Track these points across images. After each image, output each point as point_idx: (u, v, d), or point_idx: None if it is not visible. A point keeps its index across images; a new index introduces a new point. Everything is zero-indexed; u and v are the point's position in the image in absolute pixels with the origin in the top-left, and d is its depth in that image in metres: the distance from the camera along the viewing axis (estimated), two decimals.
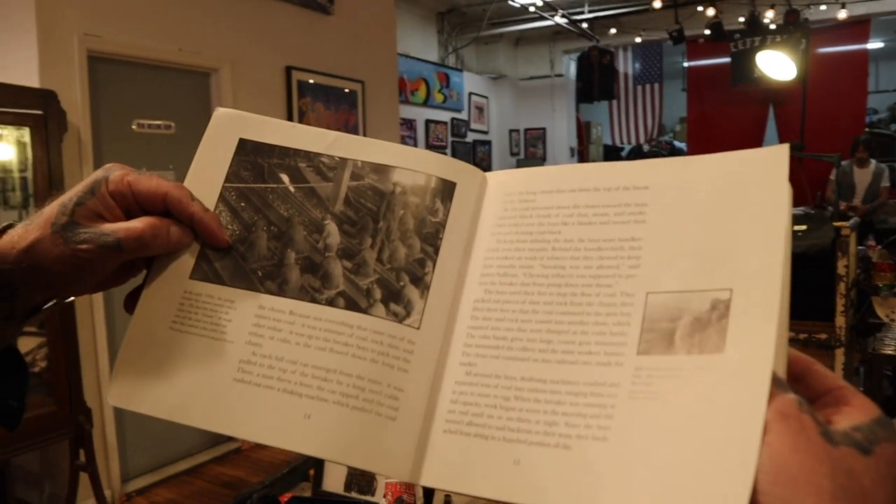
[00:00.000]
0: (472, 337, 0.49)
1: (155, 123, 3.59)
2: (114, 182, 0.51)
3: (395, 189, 0.54)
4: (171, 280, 0.53)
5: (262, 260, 0.53)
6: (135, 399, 0.50)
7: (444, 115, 8.89)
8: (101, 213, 0.51)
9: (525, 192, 0.53)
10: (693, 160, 0.48)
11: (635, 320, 0.43)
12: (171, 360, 0.51)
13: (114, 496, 3.31)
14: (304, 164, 0.56)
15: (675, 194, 0.47)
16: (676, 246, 0.45)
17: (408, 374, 0.49)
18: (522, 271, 0.50)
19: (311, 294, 0.52)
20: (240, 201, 0.55)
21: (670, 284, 0.43)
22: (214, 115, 0.58)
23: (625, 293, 0.45)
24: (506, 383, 0.46)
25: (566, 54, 10.39)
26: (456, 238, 0.53)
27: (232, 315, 0.51)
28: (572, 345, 0.45)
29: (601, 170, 0.51)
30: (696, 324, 0.41)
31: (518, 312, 0.48)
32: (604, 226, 0.48)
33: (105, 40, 3.30)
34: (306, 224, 0.54)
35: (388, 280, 0.52)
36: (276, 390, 0.48)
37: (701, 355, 0.40)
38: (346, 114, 4.81)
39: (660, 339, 0.42)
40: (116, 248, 0.50)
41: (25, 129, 2.91)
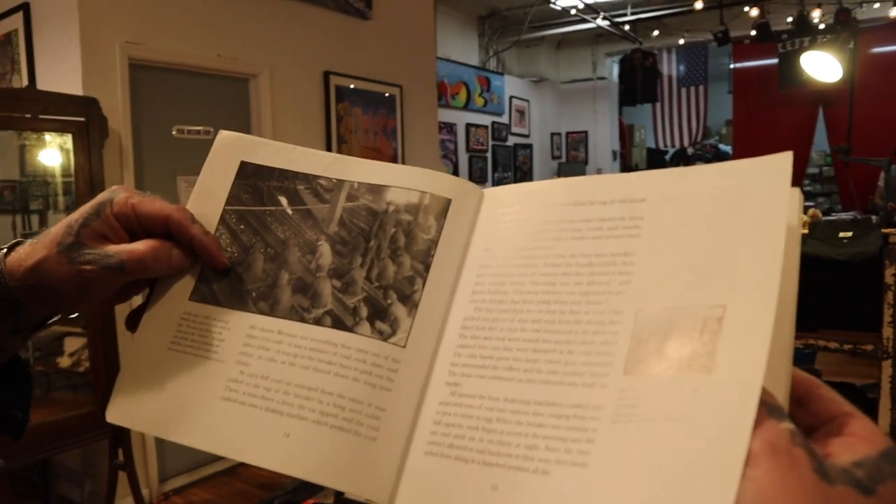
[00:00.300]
0: (460, 356, 0.48)
1: (194, 129, 3.65)
2: (118, 204, 0.53)
3: (389, 208, 0.54)
4: (171, 301, 0.55)
5: (258, 281, 0.54)
6: (129, 416, 0.52)
7: (485, 118, 8.88)
8: (106, 234, 0.52)
9: (520, 207, 0.52)
10: (692, 171, 0.46)
11: (623, 339, 0.42)
12: (165, 379, 0.52)
13: (151, 495, 3.36)
14: (303, 187, 0.57)
15: (671, 207, 0.45)
16: (670, 261, 0.43)
17: (391, 393, 0.48)
18: (513, 288, 0.48)
19: (299, 314, 0.52)
20: (239, 224, 0.56)
21: (662, 301, 0.42)
22: (217, 138, 0.59)
23: (614, 310, 0.43)
24: (489, 404, 0.44)
25: (608, 57, 10.29)
26: (448, 255, 0.52)
27: (225, 335, 0.52)
28: (558, 364, 0.43)
29: (598, 183, 0.49)
30: (686, 342, 0.39)
31: (506, 331, 0.47)
32: (597, 240, 0.47)
33: (146, 47, 3.37)
34: (301, 245, 0.55)
35: (375, 298, 0.52)
36: (259, 409, 0.49)
37: (688, 376, 0.38)
38: (383, 118, 4.82)
39: (647, 358, 0.40)
40: (119, 269, 0.51)
41: (68, 135, 2.98)
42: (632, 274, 0.44)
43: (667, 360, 0.39)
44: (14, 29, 3.50)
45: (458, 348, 0.48)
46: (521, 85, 9.77)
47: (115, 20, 3.25)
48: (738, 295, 0.39)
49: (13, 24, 3.49)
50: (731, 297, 0.39)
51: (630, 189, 0.47)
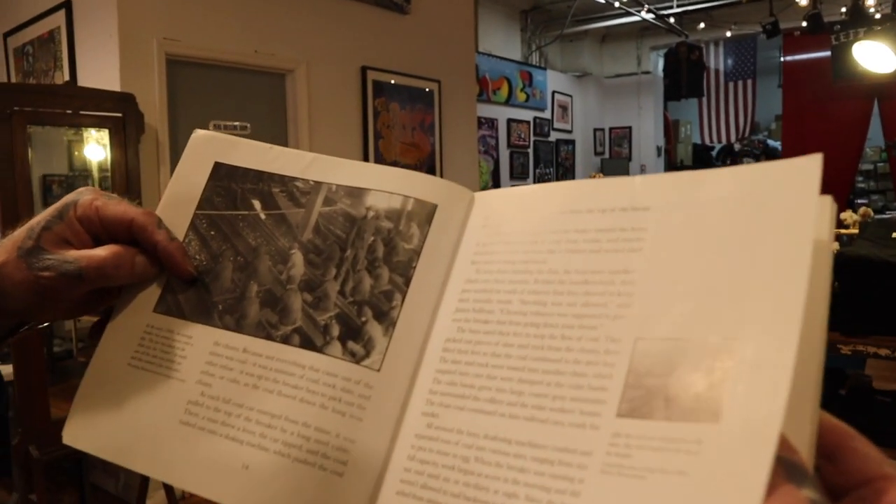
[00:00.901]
0: (439, 383, 0.43)
1: (231, 124, 3.66)
2: (82, 207, 0.50)
3: (368, 214, 0.50)
4: (134, 313, 0.51)
5: (225, 293, 0.50)
6: (85, 438, 0.48)
7: (527, 114, 8.78)
8: (69, 238, 0.49)
9: (513, 214, 0.46)
10: (707, 175, 0.40)
11: (619, 373, 0.36)
12: (123, 399, 0.48)
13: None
14: (278, 189, 0.52)
15: (679, 217, 0.39)
16: (676, 281, 0.37)
17: (361, 423, 0.43)
18: (500, 307, 0.43)
19: (266, 330, 0.48)
20: (210, 229, 0.52)
21: (664, 330, 0.36)
22: (191, 138, 0.56)
23: (610, 338, 0.38)
24: (468, 440, 0.40)
25: (653, 50, 10.12)
26: (432, 267, 0.47)
27: (188, 352, 0.49)
28: (545, 399, 0.38)
29: (599, 189, 0.44)
30: (690, 382, 0.34)
31: (490, 356, 0.42)
32: (594, 254, 0.41)
33: (183, 43, 3.38)
34: (272, 254, 0.50)
35: (349, 315, 0.47)
36: (218, 436, 0.45)
37: (691, 424, 0.32)
38: (421, 113, 4.79)
39: (645, 398, 0.35)
40: (77, 276, 0.48)
41: (105, 130, 3.01)
42: (632, 295, 0.38)
43: (667, 402, 0.34)
44: (57, 26, 3.56)
45: (438, 374, 0.44)
46: (564, 80, 9.64)
47: (152, 17, 3.28)
48: (753, 326, 0.33)
49: (56, 21, 3.55)
50: (746, 328, 0.33)
51: (634, 196, 0.42)
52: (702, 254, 0.37)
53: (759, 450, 0.29)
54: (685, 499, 0.31)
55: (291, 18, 3.91)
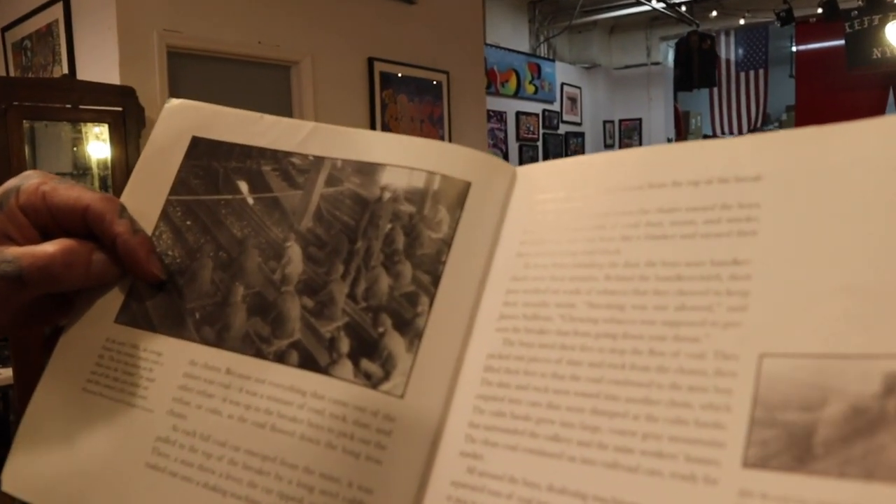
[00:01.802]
0: (482, 413, 0.33)
1: None
2: (25, 193, 0.41)
3: (383, 195, 0.40)
4: (91, 324, 0.41)
5: (204, 297, 0.40)
6: (26, 484, 0.38)
7: (536, 106, 8.69)
8: (10, 232, 0.40)
9: (568, 192, 0.36)
10: (837, 130, 0.29)
11: (740, 403, 0.26)
12: (75, 434, 0.38)
13: None
14: (270, 167, 0.43)
15: (808, 188, 0.29)
16: (814, 275, 0.27)
17: (381, 467, 0.33)
18: (559, 312, 0.33)
19: (256, 345, 0.38)
20: (185, 219, 0.43)
21: (803, 343, 0.26)
22: (164, 108, 0.46)
23: (721, 353, 0.28)
24: (524, 493, 0.29)
25: (663, 41, 10.01)
26: (466, 262, 0.37)
27: (156, 373, 0.39)
28: (632, 438, 0.28)
29: (684, 154, 0.33)
30: (856, 419, 0.24)
31: (550, 378, 0.31)
32: (688, 241, 0.31)
33: (184, 35, 3.31)
34: (263, 248, 0.40)
35: (362, 324, 0.37)
36: (194, 483, 0.35)
37: (868, 483, 0.22)
38: (430, 105, 4.71)
39: (786, 441, 0.25)
40: (17, 279, 0.38)
41: (104, 125, 2.94)
42: (748, 295, 0.28)
43: (823, 450, 0.23)
44: (55, 20, 3.49)
45: (480, 401, 0.33)
46: (573, 71, 9.55)
47: (152, 8, 3.21)
48: None
49: (54, 14, 3.49)
50: None
51: (736, 161, 0.31)
52: (848, 236, 0.27)
53: None
54: None
55: (296, 8, 3.83)
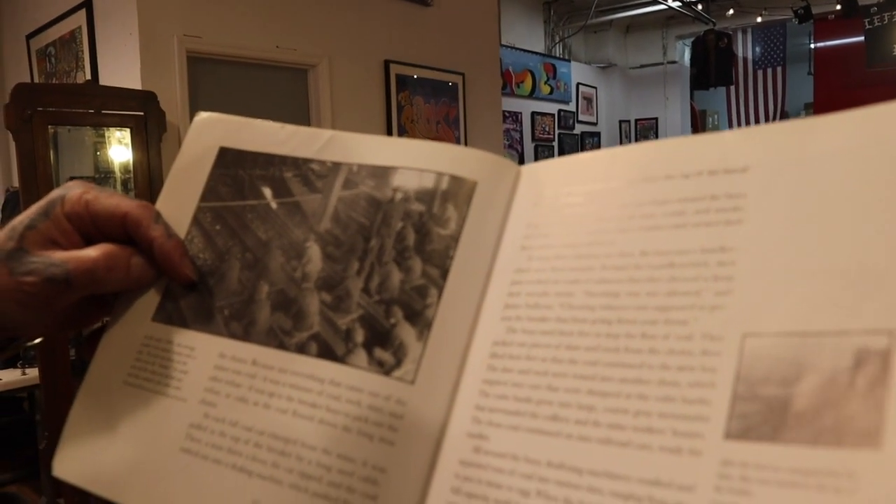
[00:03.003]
0: (487, 396, 0.35)
1: None
2: (70, 202, 0.44)
3: (395, 196, 0.42)
4: (131, 323, 0.44)
5: (232, 296, 0.43)
6: (75, 470, 0.42)
7: (551, 106, 8.67)
8: (56, 238, 0.43)
9: (570, 188, 0.38)
10: (822, 122, 0.31)
11: (724, 380, 0.28)
12: (118, 423, 0.41)
13: None
14: (291, 174, 0.46)
15: (791, 178, 0.31)
16: (792, 259, 0.29)
17: (393, 447, 0.36)
18: (559, 300, 0.35)
19: (279, 338, 0.40)
20: (215, 224, 0.45)
21: (783, 322, 0.28)
22: (194, 121, 0.49)
23: (708, 335, 0.30)
24: (525, 469, 0.32)
25: (680, 39, 9.95)
26: (473, 256, 0.40)
27: (189, 366, 0.42)
28: (624, 415, 0.30)
29: (678, 149, 0.35)
30: (829, 391, 0.26)
31: (550, 362, 0.34)
32: (678, 230, 0.33)
33: (203, 40, 3.34)
34: (285, 248, 0.43)
35: (375, 316, 0.39)
36: (224, 465, 0.38)
37: (837, 449, 0.25)
38: (446, 107, 4.73)
39: (764, 413, 0.27)
40: (65, 281, 0.41)
41: (126, 130, 2.99)
42: (733, 279, 0.30)
43: (798, 419, 0.25)
44: (78, 26, 3.55)
45: (486, 385, 0.36)
46: (589, 71, 9.52)
47: (173, 14, 3.25)
48: None
49: (77, 21, 3.54)
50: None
51: (725, 154, 0.33)
52: (827, 221, 0.29)
53: None
54: None
55: (312, 13, 3.86)
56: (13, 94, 2.69)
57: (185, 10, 3.29)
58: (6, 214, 4.06)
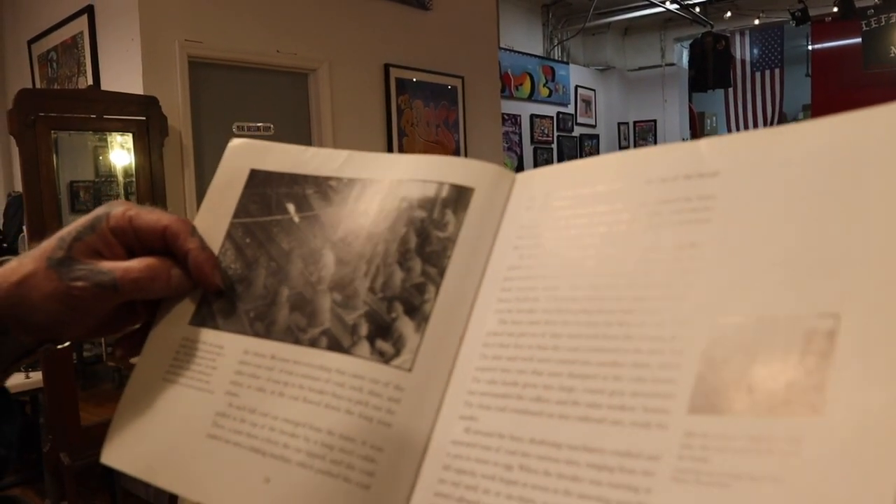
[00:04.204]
0: (478, 382, 0.38)
1: (254, 125, 3.64)
2: (115, 218, 0.48)
3: (401, 205, 0.46)
4: (171, 325, 0.50)
5: (257, 300, 0.48)
6: (123, 457, 0.46)
7: (550, 109, 8.71)
8: (101, 250, 0.47)
9: (556, 192, 0.42)
10: (787, 131, 0.34)
11: (690, 361, 0.31)
12: (157, 414, 0.47)
13: None
14: (312, 191, 0.51)
15: (756, 181, 0.34)
16: (755, 252, 0.32)
17: (390, 429, 0.39)
18: (546, 294, 0.38)
19: (294, 335, 0.45)
20: (245, 237, 0.51)
21: (743, 308, 0.31)
22: (228, 147, 0.55)
23: (677, 321, 0.33)
24: (510, 446, 0.35)
25: (678, 42, 9.98)
26: (469, 255, 0.43)
27: (218, 362, 0.47)
28: (600, 395, 0.33)
29: (658, 156, 0.39)
30: (781, 368, 0.29)
31: (535, 349, 0.37)
32: (656, 229, 0.36)
33: (205, 45, 3.37)
34: (304, 256, 0.48)
35: (378, 311, 0.43)
36: (243, 448, 0.42)
37: (785, 417, 0.27)
38: (445, 110, 4.75)
39: (724, 390, 0.30)
40: (112, 288, 0.46)
41: (129, 134, 3.01)
42: (701, 272, 0.33)
43: (753, 394, 0.29)
44: (80, 31, 3.57)
45: (478, 372, 0.39)
46: (587, 74, 9.55)
47: (174, 19, 3.27)
48: (859, 299, 0.28)
49: (79, 26, 3.57)
50: (850, 302, 0.28)
51: (699, 161, 0.36)
52: (786, 219, 0.32)
53: (880, 448, 0.24)
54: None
55: (313, 17, 3.89)
56: (16, 100, 2.72)
57: (186, 15, 3.32)
58: (8, 218, 4.08)
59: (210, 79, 3.49)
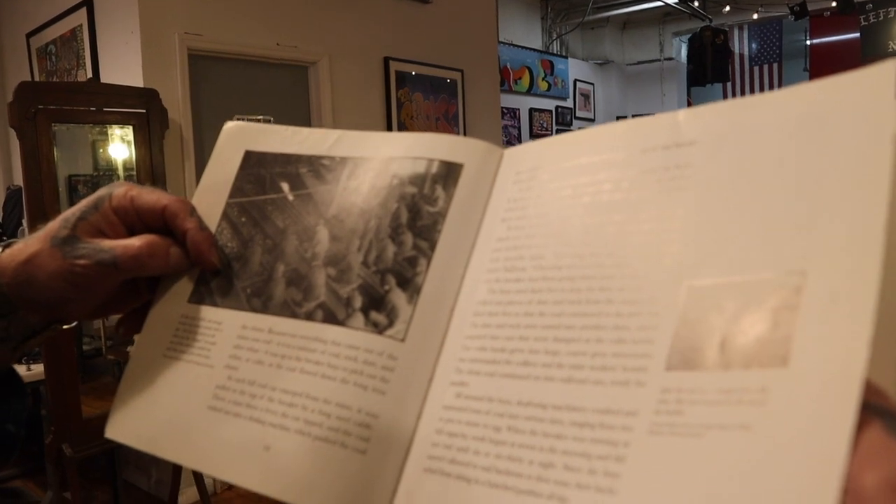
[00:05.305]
0: (468, 349, 0.40)
1: (254, 118, 3.64)
2: (117, 198, 0.50)
3: (392, 181, 0.48)
4: (170, 303, 0.51)
5: (254, 276, 0.49)
6: (126, 431, 0.48)
7: (549, 103, 8.70)
8: (103, 229, 0.49)
9: (542, 165, 0.43)
10: (760, 99, 0.35)
11: (667, 323, 0.33)
12: (158, 389, 0.48)
13: (215, 485, 3.38)
14: (305, 170, 0.52)
15: (730, 149, 0.35)
16: (729, 218, 0.33)
17: (384, 396, 0.41)
18: (532, 263, 0.40)
19: (291, 309, 0.46)
20: (241, 216, 0.52)
21: (717, 270, 0.32)
22: (223, 130, 0.56)
23: (655, 283, 0.34)
24: (499, 409, 0.37)
25: (676, 36, 9.97)
26: (459, 229, 0.45)
27: (217, 338, 0.48)
28: (583, 357, 0.35)
29: (638, 128, 0.40)
30: (752, 324, 0.30)
31: (522, 316, 0.39)
32: (635, 198, 0.37)
33: (204, 38, 3.37)
34: (299, 233, 0.50)
35: (372, 285, 0.45)
36: (242, 418, 0.43)
37: (753, 370, 0.29)
38: (445, 103, 4.75)
39: (698, 347, 0.31)
40: (113, 265, 0.47)
41: (129, 127, 3.01)
42: (676, 238, 0.34)
43: (725, 349, 0.30)
44: (79, 24, 3.56)
45: (468, 340, 0.41)
46: (586, 68, 9.54)
47: (173, 12, 3.27)
48: (823, 257, 0.29)
49: (78, 19, 3.56)
50: (814, 260, 0.29)
51: (677, 132, 0.37)
52: (757, 185, 0.33)
53: (840, 395, 0.25)
54: (751, 456, 0.27)
55: (313, 10, 3.88)
56: (17, 93, 2.71)
57: (185, 8, 3.32)
58: (7, 212, 4.08)
59: (210, 72, 3.48)
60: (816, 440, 0.25)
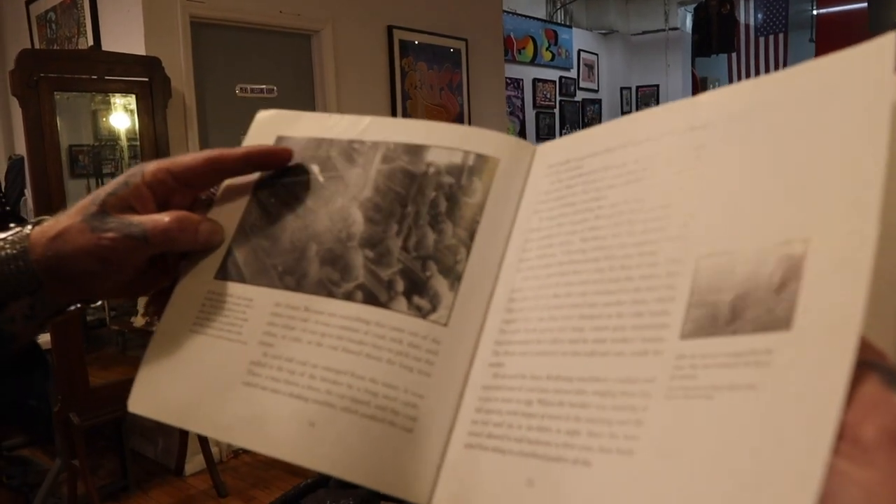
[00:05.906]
0: (504, 332, 0.43)
1: (258, 87, 3.61)
2: (150, 172, 0.50)
3: (428, 170, 0.49)
4: (196, 280, 0.51)
5: (285, 254, 0.50)
6: (151, 405, 0.48)
7: (552, 73, 8.64)
8: (133, 204, 0.49)
9: (571, 159, 0.46)
10: (768, 80, 0.37)
11: (681, 294, 0.35)
12: (186, 364, 0.48)
13: (221, 453, 3.41)
14: (336, 153, 0.53)
15: (740, 129, 0.37)
16: (738, 193, 0.35)
17: (430, 378, 0.43)
18: (561, 249, 0.43)
19: (328, 288, 0.47)
20: (270, 197, 0.53)
21: (726, 242, 0.35)
22: (255, 119, 0.58)
23: (672, 259, 0.36)
24: (530, 384, 0.39)
25: (681, 6, 9.86)
26: (496, 220, 0.47)
27: (248, 314, 0.49)
28: (605, 331, 0.37)
29: (654, 116, 0.43)
30: (757, 291, 0.32)
31: (551, 297, 0.41)
32: (653, 181, 0.40)
33: (207, 5, 3.33)
34: (331, 214, 0.50)
35: (413, 270, 0.46)
36: (282, 394, 0.44)
37: (759, 334, 0.31)
38: (449, 73, 4.71)
39: (709, 315, 0.33)
40: (142, 239, 0.48)
41: (132, 96, 2.98)
42: (693, 215, 0.37)
43: (732, 316, 0.32)
44: None
45: (504, 324, 0.43)
46: (590, 38, 9.46)
47: None
48: (823, 224, 0.31)
49: None
50: (815, 227, 0.31)
51: (695, 115, 0.40)
52: (765, 159, 0.35)
53: (836, 354, 0.27)
54: (757, 413, 0.29)
55: None
56: (18, 61, 2.69)
57: None
58: (9, 181, 4.06)
59: (212, 40, 3.45)
60: (815, 395, 0.27)
